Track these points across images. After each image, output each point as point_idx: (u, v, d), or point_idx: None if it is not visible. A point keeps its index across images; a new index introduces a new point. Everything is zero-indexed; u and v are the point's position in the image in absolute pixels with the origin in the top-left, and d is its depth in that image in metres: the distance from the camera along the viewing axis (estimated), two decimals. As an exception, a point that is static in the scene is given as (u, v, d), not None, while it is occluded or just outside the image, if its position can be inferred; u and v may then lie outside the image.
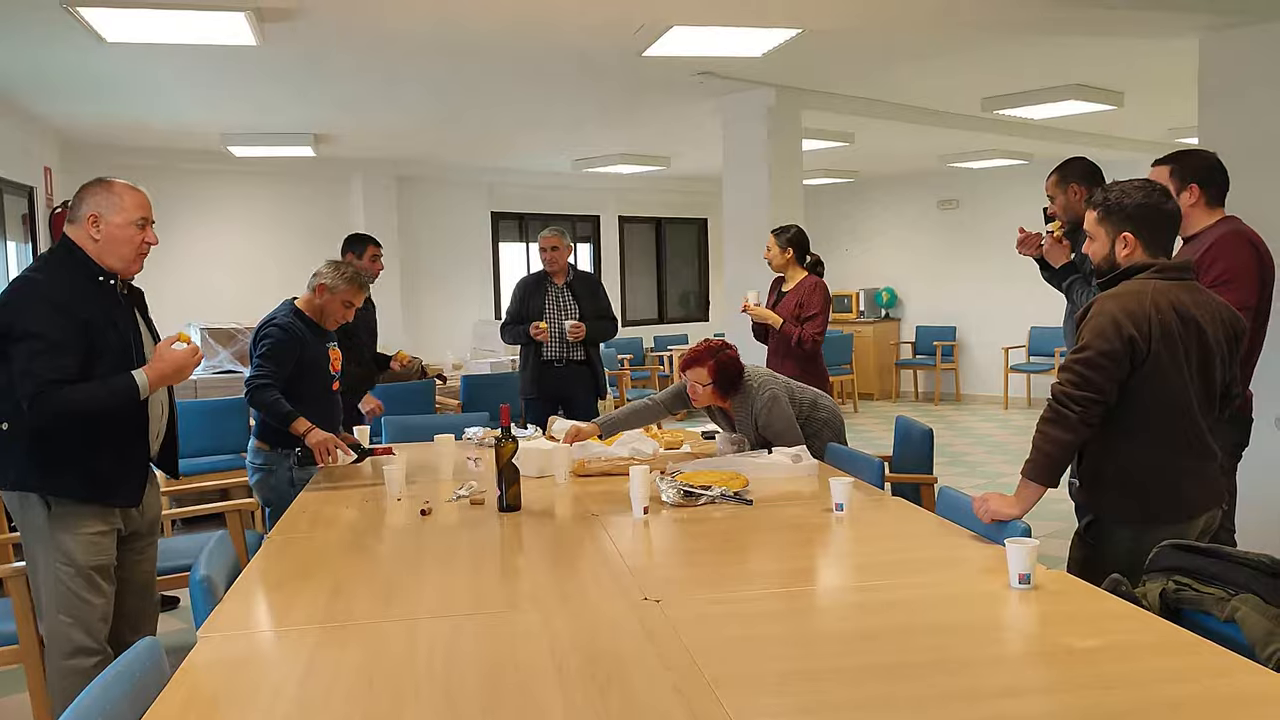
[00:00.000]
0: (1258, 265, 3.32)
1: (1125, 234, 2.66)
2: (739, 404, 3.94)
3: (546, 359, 5.69)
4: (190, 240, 8.90)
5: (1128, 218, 2.66)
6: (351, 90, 6.42)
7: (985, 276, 11.44)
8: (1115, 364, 2.53)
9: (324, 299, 3.98)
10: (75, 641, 2.86)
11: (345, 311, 4.04)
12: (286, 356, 3.87)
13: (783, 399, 3.93)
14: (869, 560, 2.71)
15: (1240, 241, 3.32)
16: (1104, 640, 1.99)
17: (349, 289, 3.99)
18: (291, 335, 3.90)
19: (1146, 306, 2.54)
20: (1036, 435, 2.65)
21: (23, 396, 2.74)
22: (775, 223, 6.53)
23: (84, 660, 2.85)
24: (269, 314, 4.01)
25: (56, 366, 2.73)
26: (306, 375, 3.93)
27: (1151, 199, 2.65)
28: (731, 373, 3.89)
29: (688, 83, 6.27)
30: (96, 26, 4.33)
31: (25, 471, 2.84)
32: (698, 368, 3.89)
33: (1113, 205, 2.68)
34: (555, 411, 5.72)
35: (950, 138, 8.84)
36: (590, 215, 12.07)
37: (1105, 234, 2.70)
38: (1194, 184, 3.37)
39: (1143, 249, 2.65)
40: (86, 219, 2.88)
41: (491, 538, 2.96)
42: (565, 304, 5.70)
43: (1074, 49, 5.74)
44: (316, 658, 2.00)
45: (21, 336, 2.74)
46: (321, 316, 4.02)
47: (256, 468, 4.01)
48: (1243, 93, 4.52)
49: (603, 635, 2.09)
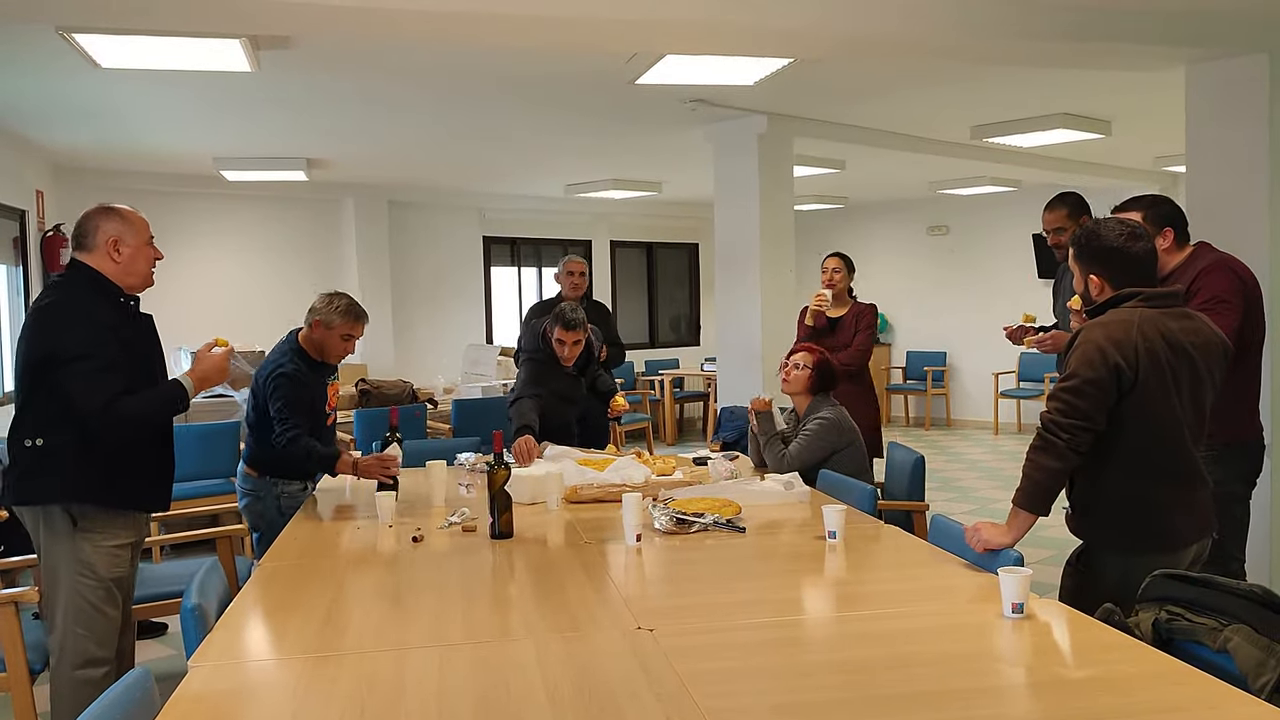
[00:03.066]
0: (1241, 288, 3.38)
1: (1092, 275, 2.71)
2: (811, 407, 4.27)
3: None
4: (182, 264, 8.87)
5: (1093, 258, 2.70)
6: (345, 116, 6.44)
7: (975, 302, 11.50)
8: (1102, 392, 2.55)
9: (320, 334, 3.90)
10: (88, 653, 2.98)
11: (345, 345, 3.95)
12: (301, 401, 3.84)
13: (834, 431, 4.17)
14: (862, 589, 2.71)
15: (1222, 268, 3.40)
16: (1097, 670, 2.00)
17: (344, 322, 3.89)
18: (296, 381, 3.84)
19: (1133, 334, 2.56)
20: (1026, 464, 2.66)
21: (90, 414, 2.90)
22: (767, 249, 6.60)
23: (94, 671, 2.97)
24: (274, 355, 3.95)
25: (113, 381, 2.91)
26: (303, 414, 3.85)
27: (1117, 242, 2.67)
28: (828, 373, 4.29)
29: (680, 110, 6.31)
30: (91, 52, 4.33)
31: (61, 485, 2.96)
32: (805, 353, 4.35)
33: (1083, 245, 2.73)
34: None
35: (940, 165, 8.90)
36: (582, 240, 12.10)
37: (1079, 272, 2.76)
38: (1168, 228, 3.43)
39: (1110, 289, 2.69)
40: (107, 244, 3.03)
41: (484, 566, 2.95)
42: None
43: (1063, 79, 5.80)
44: (308, 688, 1.99)
45: (72, 358, 2.89)
46: (322, 353, 3.95)
47: (245, 492, 4.03)
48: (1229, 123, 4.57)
49: (596, 665, 2.08)
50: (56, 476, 2.96)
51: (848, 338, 5.28)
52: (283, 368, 3.84)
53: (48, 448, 2.95)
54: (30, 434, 2.97)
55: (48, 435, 2.96)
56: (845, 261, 5.47)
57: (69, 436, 2.94)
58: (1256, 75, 4.48)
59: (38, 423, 2.97)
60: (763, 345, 6.55)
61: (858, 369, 5.22)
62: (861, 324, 5.31)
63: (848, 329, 5.31)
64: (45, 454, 2.96)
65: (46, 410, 2.96)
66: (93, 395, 2.90)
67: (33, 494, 3.00)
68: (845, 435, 4.20)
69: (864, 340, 5.28)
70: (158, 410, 3.08)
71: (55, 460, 2.96)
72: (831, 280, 5.38)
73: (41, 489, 2.98)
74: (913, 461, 4.31)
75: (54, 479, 2.96)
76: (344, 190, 9.88)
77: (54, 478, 2.96)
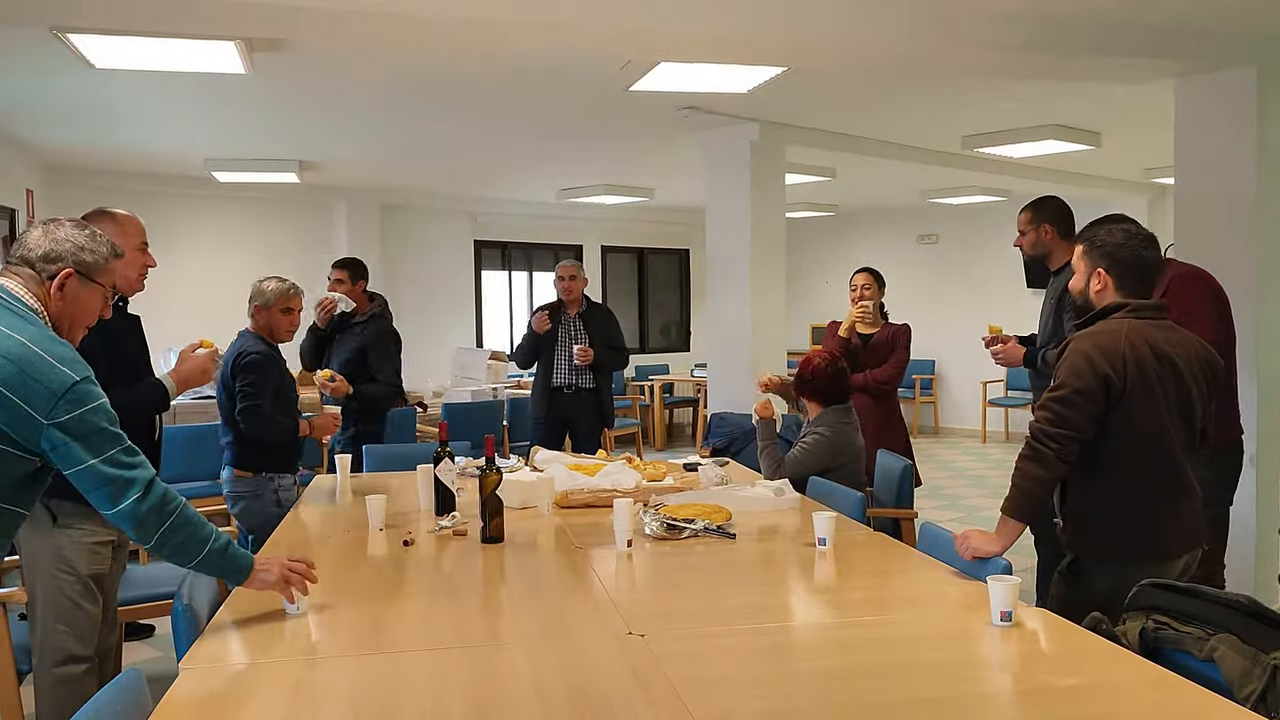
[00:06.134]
0: (1212, 299, 3.49)
1: (1099, 270, 2.73)
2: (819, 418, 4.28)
3: (556, 384, 5.96)
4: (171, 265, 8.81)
5: (1104, 255, 2.72)
6: (338, 119, 6.44)
7: (964, 311, 11.53)
8: (1091, 401, 2.57)
9: (263, 317, 4.10)
10: (69, 650, 2.95)
11: (289, 319, 4.15)
12: (269, 382, 4.00)
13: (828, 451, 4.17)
14: (852, 596, 2.72)
15: (1192, 280, 3.49)
16: (1084, 679, 2.01)
17: (278, 297, 4.10)
18: (267, 358, 4.05)
19: (1121, 345, 2.59)
20: (1015, 473, 2.68)
21: None
22: (759, 255, 6.61)
23: (75, 668, 2.95)
24: (233, 349, 4.09)
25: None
26: (269, 397, 4.01)
27: (1130, 243, 2.71)
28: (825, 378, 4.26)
29: (672, 117, 6.33)
30: (85, 53, 4.33)
31: None
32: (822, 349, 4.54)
33: (1096, 241, 2.75)
34: (562, 433, 5.81)
35: (930, 174, 8.95)
36: (573, 245, 12.11)
37: (1085, 268, 2.77)
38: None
39: (1114, 288, 2.71)
40: None
41: (474, 570, 2.96)
42: (576, 333, 5.94)
43: (1053, 91, 5.84)
44: (300, 692, 1.99)
45: None
46: (272, 334, 4.13)
47: (239, 495, 4.05)
48: (1218, 136, 4.63)
49: (588, 671, 2.09)
50: None
51: (882, 356, 5.10)
52: (247, 354, 4.02)
53: None
54: None
55: None
56: (875, 277, 5.27)
57: None
58: (1245, 89, 4.54)
59: None
60: (753, 351, 6.56)
61: (893, 387, 5.09)
62: (900, 341, 5.15)
63: (882, 347, 5.13)
64: None
65: None
66: None
67: None
68: (839, 457, 4.20)
69: (903, 357, 5.13)
70: (137, 408, 3.04)
71: None
72: (862, 297, 5.19)
73: None
74: (901, 469, 4.34)
75: None
76: (335, 193, 9.87)
77: None
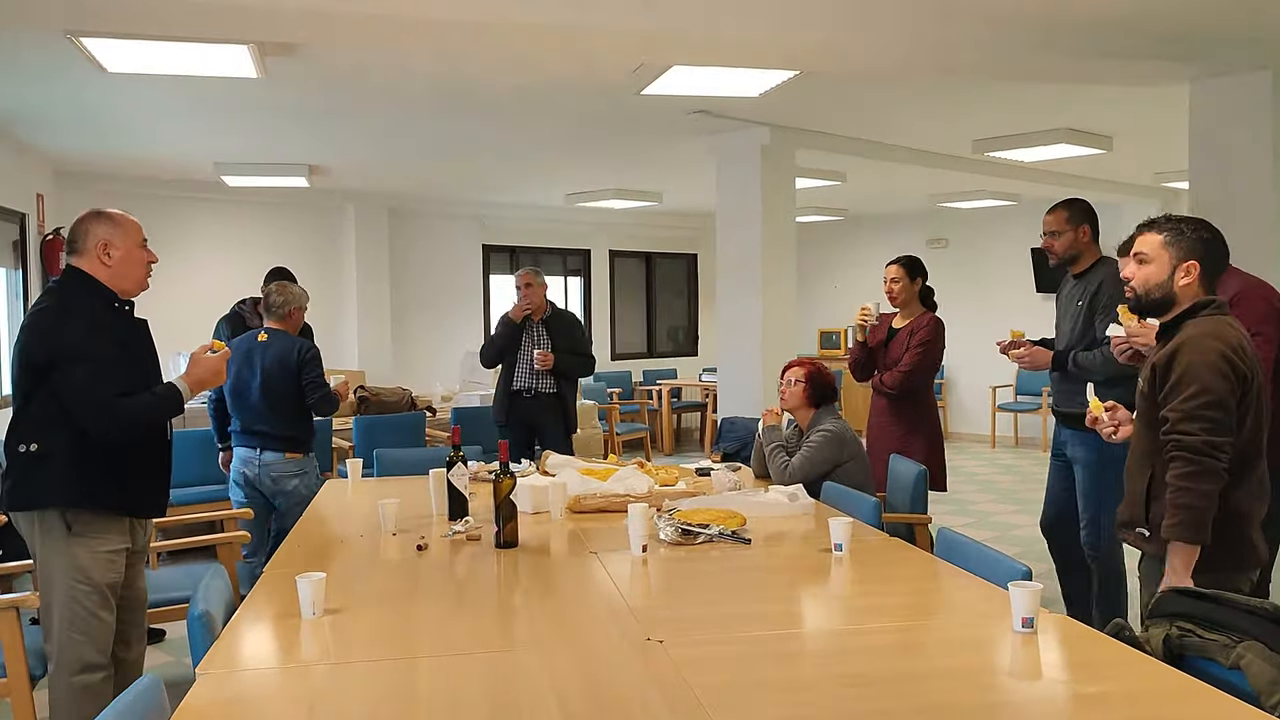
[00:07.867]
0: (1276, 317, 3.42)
1: (1191, 263, 2.64)
2: (814, 420, 4.27)
3: (516, 388, 5.97)
4: (180, 268, 8.86)
5: (1200, 245, 2.65)
6: (348, 124, 6.44)
7: (973, 315, 11.48)
8: (1238, 403, 2.50)
9: (299, 316, 4.84)
10: (85, 658, 2.97)
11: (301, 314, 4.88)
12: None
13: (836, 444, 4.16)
14: (870, 602, 2.70)
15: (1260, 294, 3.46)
16: (1108, 686, 1.99)
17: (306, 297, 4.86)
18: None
19: (1246, 343, 2.52)
20: (1178, 494, 2.51)
21: (92, 417, 2.91)
22: (769, 260, 6.59)
23: (92, 676, 2.97)
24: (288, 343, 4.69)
25: (113, 382, 2.93)
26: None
27: (1218, 238, 2.68)
28: (823, 384, 4.28)
29: (683, 120, 6.32)
30: (98, 57, 4.33)
31: (56, 489, 2.95)
32: (798, 368, 4.34)
33: (1185, 234, 2.66)
34: (529, 439, 5.82)
35: (940, 178, 8.92)
36: (581, 249, 12.11)
37: (1169, 259, 2.66)
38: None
39: (1199, 282, 2.65)
40: (97, 247, 3.03)
41: (489, 575, 2.95)
42: (539, 339, 5.95)
43: (1065, 94, 5.82)
44: (318, 697, 1.98)
45: (72, 361, 2.89)
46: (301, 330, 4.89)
47: (292, 474, 4.64)
48: (1232, 140, 4.60)
49: (606, 677, 2.07)
50: (51, 481, 2.95)
51: (898, 354, 4.73)
52: (309, 349, 4.71)
53: (43, 452, 2.94)
54: (25, 439, 2.96)
55: (43, 440, 2.95)
56: (906, 268, 4.81)
57: (64, 441, 2.94)
58: (1260, 92, 4.52)
59: (34, 427, 2.96)
60: (763, 356, 6.54)
61: (902, 391, 4.68)
62: (914, 340, 4.68)
63: (900, 344, 4.74)
64: (40, 459, 2.95)
65: (44, 414, 2.95)
66: (91, 398, 2.90)
67: (28, 499, 2.99)
68: (848, 448, 4.19)
69: (911, 360, 4.65)
70: (155, 413, 3.08)
71: (50, 465, 2.94)
72: (890, 290, 4.82)
73: (36, 494, 2.97)
74: (915, 474, 4.31)
75: (49, 484, 2.95)
76: (344, 197, 9.88)
77: (49, 482, 2.95)
